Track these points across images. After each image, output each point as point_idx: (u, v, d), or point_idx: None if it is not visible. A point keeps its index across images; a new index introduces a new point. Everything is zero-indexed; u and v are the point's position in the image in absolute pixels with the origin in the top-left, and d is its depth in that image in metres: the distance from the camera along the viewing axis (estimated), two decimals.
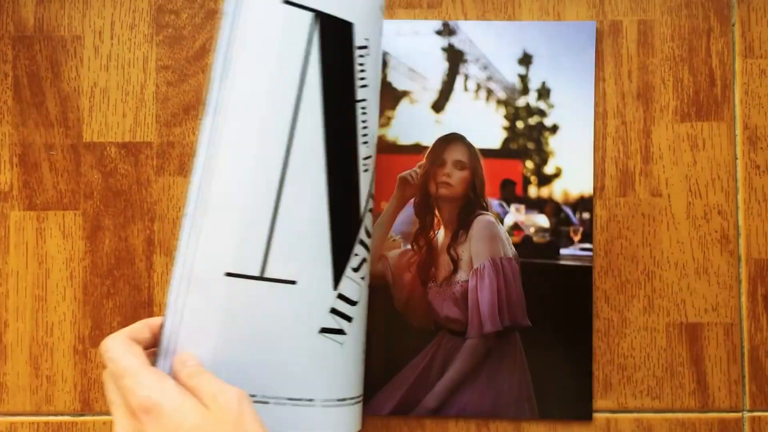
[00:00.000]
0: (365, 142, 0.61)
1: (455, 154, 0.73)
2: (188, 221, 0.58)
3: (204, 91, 0.72)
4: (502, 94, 0.74)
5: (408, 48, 0.74)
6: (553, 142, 0.74)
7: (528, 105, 0.74)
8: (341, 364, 0.61)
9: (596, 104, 0.74)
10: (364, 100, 0.61)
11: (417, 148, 0.73)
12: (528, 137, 0.74)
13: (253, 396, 0.57)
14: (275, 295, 0.58)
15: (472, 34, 0.74)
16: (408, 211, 0.73)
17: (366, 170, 0.62)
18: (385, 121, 0.73)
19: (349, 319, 0.61)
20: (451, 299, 0.72)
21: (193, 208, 0.58)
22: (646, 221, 0.74)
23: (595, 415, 0.73)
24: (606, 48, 0.74)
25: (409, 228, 0.73)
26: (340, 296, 0.60)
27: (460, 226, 0.73)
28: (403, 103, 0.73)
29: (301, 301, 0.59)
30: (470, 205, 0.73)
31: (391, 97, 0.73)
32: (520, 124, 0.74)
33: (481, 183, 0.73)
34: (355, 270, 0.61)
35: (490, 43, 0.74)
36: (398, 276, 0.73)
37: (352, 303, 0.61)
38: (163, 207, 0.73)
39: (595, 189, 0.74)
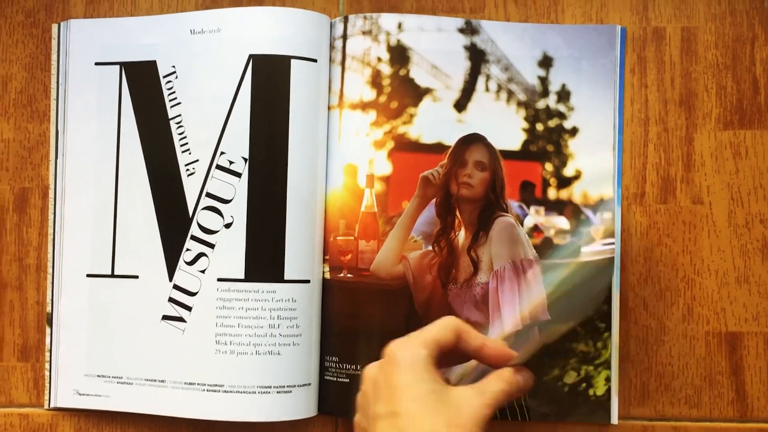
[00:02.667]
0: (186, 150, 0.73)
1: (476, 154, 0.73)
2: (53, 240, 0.75)
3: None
4: (522, 96, 0.74)
5: (431, 45, 0.74)
6: (572, 145, 0.73)
7: (548, 107, 0.74)
8: (185, 348, 0.72)
9: (638, 110, 0.74)
10: (178, 115, 0.73)
11: (439, 148, 0.73)
12: (547, 139, 0.74)
13: (118, 377, 0.73)
14: (124, 289, 0.74)
15: (494, 34, 0.74)
16: (429, 212, 0.73)
17: (192, 173, 0.72)
18: (407, 118, 0.73)
19: (188, 308, 0.72)
20: (472, 301, 0.72)
21: (54, 230, 0.75)
22: (686, 229, 0.73)
23: (632, 422, 0.72)
24: (649, 54, 0.74)
25: (429, 228, 0.73)
26: (176, 287, 0.72)
27: (481, 228, 0.73)
28: (426, 101, 0.73)
29: (144, 292, 0.73)
30: (490, 206, 0.73)
31: (413, 94, 0.73)
32: (539, 126, 0.73)
33: (502, 184, 0.73)
34: (190, 263, 0.72)
35: (512, 44, 0.74)
36: (419, 277, 0.73)
37: (190, 294, 0.72)
38: None
39: (634, 195, 0.73)
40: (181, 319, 0.72)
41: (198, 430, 0.74)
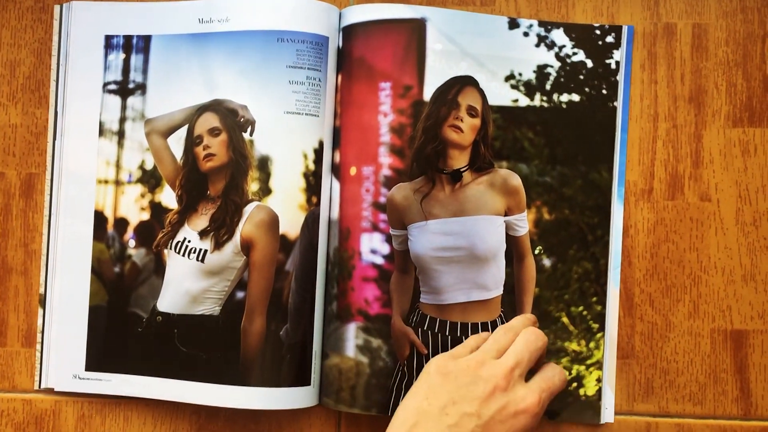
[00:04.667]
0: None
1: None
2: (48, 223, 0.75)
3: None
4: None
5: None
6: None
7: None
8: None
9: (647, 106, 0.73)
10: None
11: None
12: None
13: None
14: None
15: None
16: None
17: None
18: None
19: None
20: None
21: (50, 212, 0.75)
22: (694, 225, 0.73)
23: (636, 418, 0.72)
24: (659, 50, 0.74)
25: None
26: None
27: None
28: None
29: None
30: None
31: None
32: None
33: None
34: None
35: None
36: None
37: None
38: None
39: (642, 191, 0.73)
40: None
41: (201, 417, 0.74)
